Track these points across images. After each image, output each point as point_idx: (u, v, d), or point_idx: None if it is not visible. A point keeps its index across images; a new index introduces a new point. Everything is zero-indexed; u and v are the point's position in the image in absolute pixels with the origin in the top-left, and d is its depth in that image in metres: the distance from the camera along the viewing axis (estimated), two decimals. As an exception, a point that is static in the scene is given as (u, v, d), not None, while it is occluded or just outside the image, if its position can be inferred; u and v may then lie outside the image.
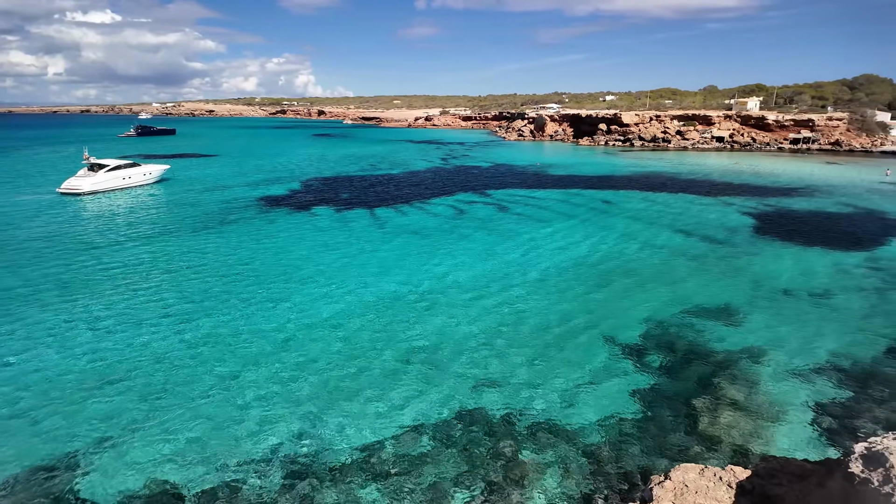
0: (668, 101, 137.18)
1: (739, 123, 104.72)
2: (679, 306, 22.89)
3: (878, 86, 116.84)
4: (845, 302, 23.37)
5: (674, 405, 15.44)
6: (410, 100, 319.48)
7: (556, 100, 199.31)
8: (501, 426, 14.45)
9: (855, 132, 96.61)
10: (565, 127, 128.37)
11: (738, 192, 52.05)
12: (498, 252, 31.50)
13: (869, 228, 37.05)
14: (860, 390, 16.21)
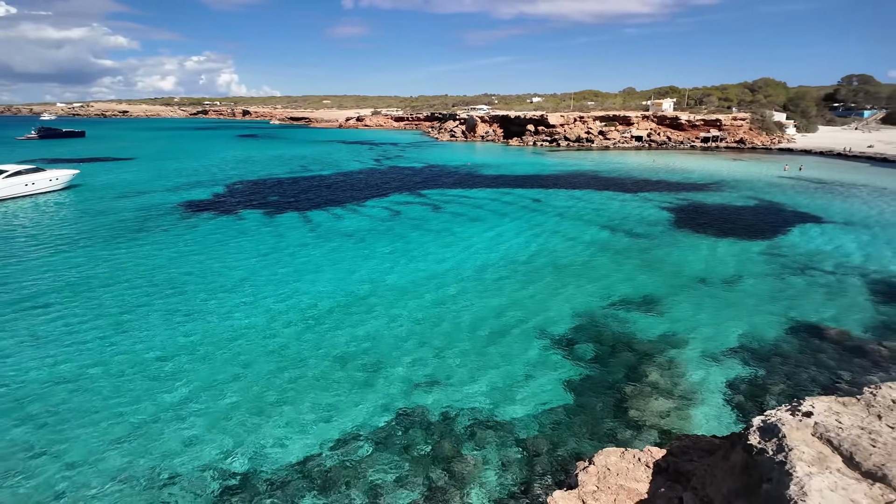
0: (591, 102, 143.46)
1: (656, 123, 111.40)
2: (606, 299, 24.03)
3: (774, 88, 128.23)
4: (752, 287, 25.47)
5: (603, 393, 16.21)
6: (341, 100, 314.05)
7: (486, 101, 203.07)
8: (441, 425, 14.57)
9: (756, 131, 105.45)
10: (495, 128, 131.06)
11: (656, 189, 55.33)
12: (433, 252, 31.68)
13: (770, 219, 40.57)
14: (765, 368, 17.74)
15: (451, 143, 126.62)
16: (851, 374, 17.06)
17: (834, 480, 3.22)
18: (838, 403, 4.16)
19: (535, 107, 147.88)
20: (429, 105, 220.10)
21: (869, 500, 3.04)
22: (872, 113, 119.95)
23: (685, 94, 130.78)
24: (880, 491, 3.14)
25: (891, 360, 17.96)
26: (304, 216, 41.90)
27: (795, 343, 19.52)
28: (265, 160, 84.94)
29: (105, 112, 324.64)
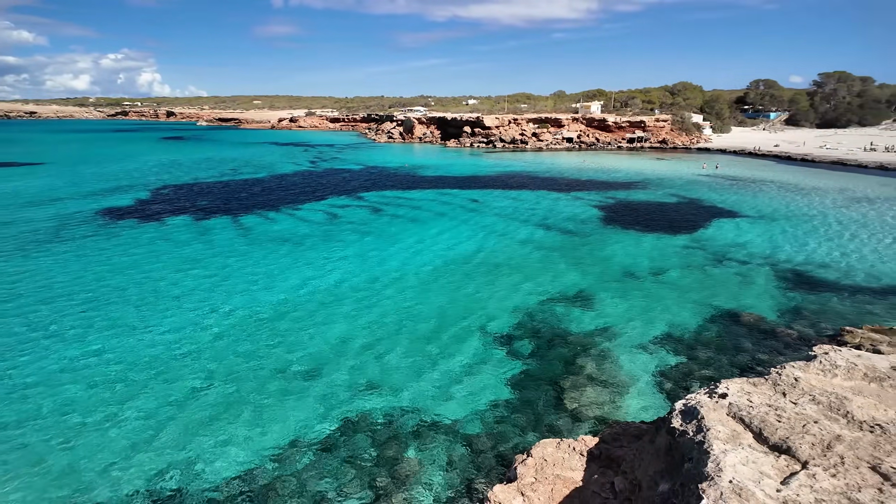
0: (524, 105, 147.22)
1: (585, 125, 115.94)
2: (543, 294, 24.74)
3: (692, 92, 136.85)
4: (676, 279, 27.05)
5: (542, 386, 16.69)
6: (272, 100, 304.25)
7: (423, 103, 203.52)
8: (384, 428, 14.47)
9: (677, 132, 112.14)
10: (433, 129, 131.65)
11: (587, 188, 57.58)
12: (374, 255, 31.39)
13: (691, 214, 43.26)
14: (690, 354, 18.91)
15: (389, 144, 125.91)
16: (765, 355, 18.51)
17: (745, 455, 3.47)
18: (749, 384, 4.50)
19: (470, 109, 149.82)
20: (365, 106, 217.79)
21: (775, 471, 3.31)
22: (777, 114, 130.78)
23: (612, 96, 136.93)
24: (785, 462, 3.42)
25: (799, 340, 19.64)
26: (237, 221, 40.29)
27: (716, 329, 20.93)
28: (193, 163, 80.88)
29: (9, 113, 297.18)
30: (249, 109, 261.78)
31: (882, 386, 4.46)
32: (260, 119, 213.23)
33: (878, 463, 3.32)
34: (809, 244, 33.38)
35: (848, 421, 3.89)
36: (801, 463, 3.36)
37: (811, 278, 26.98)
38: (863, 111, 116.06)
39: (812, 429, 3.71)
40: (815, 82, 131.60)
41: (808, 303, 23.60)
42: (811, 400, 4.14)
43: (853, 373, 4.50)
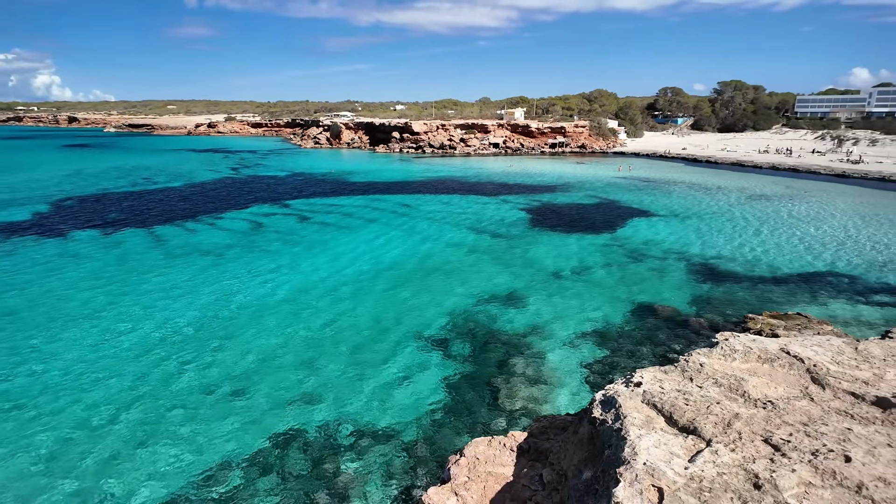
0: (451, 111, 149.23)
1: (510, 131, 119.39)
2: (476, 297, 25.18)
3: (607, 99, 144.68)
4: (599, 276, 28.45)
5: (477, 387, 16.98)
6: (188, 105, 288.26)
7: (350, 108, 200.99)
8: (320, 442, 14.13)
9: (595, 137, 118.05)
10: (361, 135, 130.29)
11: (514, 192, 59.28)
12: (303, 264, 30.57)
13: (610, 215, 45.67)
14: (613, 347, 19.96)
15: (316, 150, 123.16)
16: (678, 344, 19.89)
17: (658, 438, 3.74)
18: (661, 372, 4.86)
19: (398, 114, 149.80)
20: (289, 111, 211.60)
21: (684, 450, 3.61)
22: (684, 120, 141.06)
23: (534, 103, 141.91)
24: (692, 442, 3.73)
25: (708, 328, 21.26)
26: (152, 234, 37.83)
27: (636, 322, 22.22)
28: (101, 173, 74.98)
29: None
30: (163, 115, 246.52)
31: (773, 366, 4.90)
32: (175, 125, 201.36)
33: (770, 435, 3.66)
34: (716, 239, 36.23)
35: (745, 400, 4.26)
36: (705, 441, 3.65)
37: (719, 271, 29.29)
38: (756, 116, 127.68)
39: (715, 409, 4.03)
40: (715, 90, 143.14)
41: (717, 293, 25.61)
42: (714, 383, 4.49)
43: (749, 356, 4.93)
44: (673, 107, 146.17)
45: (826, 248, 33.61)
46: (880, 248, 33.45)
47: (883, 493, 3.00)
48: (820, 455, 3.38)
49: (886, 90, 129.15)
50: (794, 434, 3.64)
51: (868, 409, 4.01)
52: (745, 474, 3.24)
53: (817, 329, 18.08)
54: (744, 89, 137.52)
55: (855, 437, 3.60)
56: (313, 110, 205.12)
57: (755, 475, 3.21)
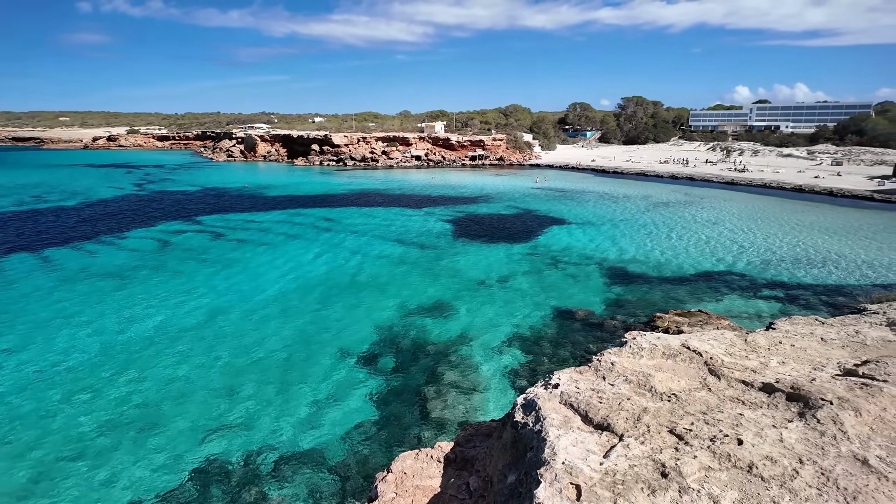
0: (372, 123, 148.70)
1: (431, 144, 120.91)
2: (403, 309, 25.08)
3: (522, 113, 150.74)
4: (522, 283, 29.35)
5: (407, 400, 16.87)
6: (84, 117, 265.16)
7: (265, 120, 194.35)
8: (241, 471, 13.37)
9: (512, 150, 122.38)
10: (278, 147, 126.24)
11: (437, 203, 59.94)
12: (220, 283, 28.97)
13: (528, 224, 47.38)
14: (536, 351, 20.63)
15: (229, 163, 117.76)
16: (595, 345, 20.91)
17: (575, 437, 3.91)
18: (577, 372, 5.09)
19: (317, 126, 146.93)
20: (199, 123, 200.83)
21: (599, 446, 3.79)
22: (592, 133, 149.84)
23: (453, 117, 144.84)
24: (606, 438, 3.93)
25: (621, 328, 22.55)
26: (43, 257, 34.28)
27: (556, 326, 23.13)
28: (-24, 191, 66.98)
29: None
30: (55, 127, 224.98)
31: (675, 361, 5.28)
32: (69, 138, 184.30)
33: (674, 426, 3.93)
34: (626, 244, 38.63)
35: (652, 394, 4.54)
36: (618, 436, 3.84)
37: (630, 273, 31.22)
38: (656, 130, 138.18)
39: (626, 405, 4.25)
40: (619, 105, 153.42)
41: (628, 295, 27.25)
42: (624, 380, 4.75)
43: (654, 353, 5.28)
44: (582, 121, 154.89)
45: (722, 249, 36.88)
46: (766, 248, 37.22)
47: (770, 470, 3.31)
48: (717, 441, 3.67)
49: (763, 106, 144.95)
50: (695, 423, 3.93)
51: (756, 394, 4.43)
52: (654, 464, 3.46)
53: (715, 324, 19.74)
54: (644, 104, 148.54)
55: (746, 421, 3.95)
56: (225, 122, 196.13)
57: (662, 464, 3.43)
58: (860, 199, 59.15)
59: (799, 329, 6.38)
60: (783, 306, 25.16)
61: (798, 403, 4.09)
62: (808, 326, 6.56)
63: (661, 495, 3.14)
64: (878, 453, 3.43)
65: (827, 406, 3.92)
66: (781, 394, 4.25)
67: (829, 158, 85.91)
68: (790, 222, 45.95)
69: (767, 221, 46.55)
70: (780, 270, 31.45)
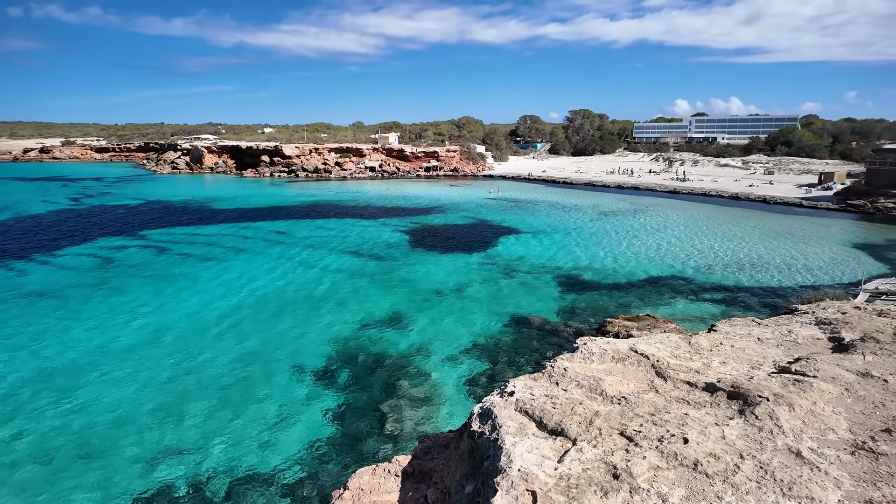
0: (324, 134, 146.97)
1: (386, 155, 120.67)
2: (359, 322, 24.74)
3: (474, 125, 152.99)
4: (476, 292, 29.57)
5: (363, 414, 16.60)
6: (14, 127, 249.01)
7: (212, 130, 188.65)
8: (190, 498, 12.75)
9: (466, 161, 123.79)
10: (226, 158, 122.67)
11: (392, 214, 59.73)
12: (164, 300, 27.69)
13: (483, 234, 47.89)
14: (493, 359, 20.79)
15: (174, 175, 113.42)
16: (550, 351, 21.29)
17: (530, 444, 3.97)
18: (531, 379, 5.17)
19: (267, 137, 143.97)
20: (141, 134, 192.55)
21: (553, 452, 3.86)
22: (543, 145, 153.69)
23: (407, 128, 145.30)
24: (560, 443, 4.01)
25: (574, 334, 23.07)
26: (-35, 277, 31.80)
27: (512, 334, 23.41)
28: None
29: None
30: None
31: (625, 365, 5.45)
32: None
33: (625, 428, 4.05)
34: (578, 252, 39.64)
35: (603, 398, 4.67)
36: (571, 441, 3.92)
37: (581, 281, 32.03)
38: (603, 142, 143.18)
39: (578, 409, 4.35)
40: (567, 118, 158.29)
41: (580, 301, 27.94)
42: (577, 385, 4.86)
43: (605, 357, 5.45)
44: (532, 133, 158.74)
45: (667, 255, 38.44)
46: (708, 253, 39.08)
47: (714, 466, 3.46)
48: (664, 440, 3.81)
49: (702, 119, 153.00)
50: (643, 424, 4.06)
51: (700, 394, 4.63)
52: (606, 467, 3.55)
53: (662, 327, 20.52)
54: (591, 117, 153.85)
55: (691, 420, 4.12)
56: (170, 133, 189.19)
57: (614, 466, 3.53)
58: (790, 205, 63.25)
59: (738, 330, 6.73)
60: (724, 308, 26.45)
61: (738, 401, 4.31)
62: (745, 327, 6.93)
63: (613, 496, 3.22)
64: (809, 445, 3.65)
65: (764, 403, 4.15)
66: (723, 392, 4.46)
67: (762, 168, 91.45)
68: (729, 229, 48.50)
69: (708, 228, 48.94)
70: (721, 274, 33.09)
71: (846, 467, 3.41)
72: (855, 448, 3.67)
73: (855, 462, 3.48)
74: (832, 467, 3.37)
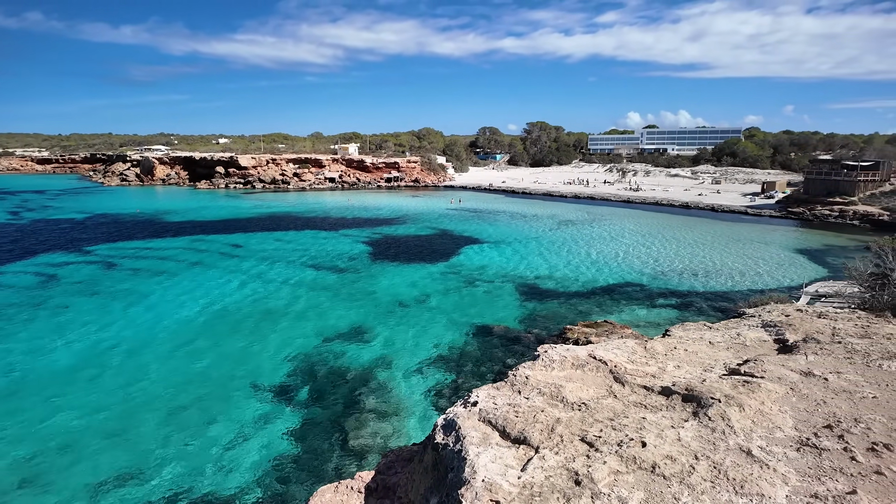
0: (282, 145, 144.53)
1: (345, 166, 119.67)
2: (320, 336, 24.27)
3: (434, 136, 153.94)
4: (440, 303, 29.56)
5: (326, 430, 16.24)
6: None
7: (164, 141, 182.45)
8: (141, 525, 12.12)
9: (427, 171, 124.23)
10: (179, 170, 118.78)
11: (353, 225, 59.15)
12: (112, 318, 26.40)
13: (445, 244, 48.04)
14: (457, 369, 20.78)
15: (123, 188, 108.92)
16: (512, 360, 21.48)
17: (494, 453, 3.98)
18: (494, 388, 5.20)
19: (222, 148, 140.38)
20: (87, 145, 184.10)
21: (516, 460, 3.88)
22: (502, 156, 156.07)
23: (367, 139, 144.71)
24: (523, 451, 4.03)
25: (535, 342, 23.35)
26: None
27: (475, 343, 23.49)
28: None
29: None
30: None
31: (584, 371, 5.55)
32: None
33: (585, 434, 4.11)
34: (538, 261, 40.27)
35: (564, 405, 4.73)
36: (534, 448, 3.95)
37: (542, 289, 32.52)
38: (559, 153, 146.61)
39: (540, 417, 4.40)
40: (525, 129, 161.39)
41: (541, 309, 28.34)
42: (538, 393, 4.92)
43: (564, 364, 5.53)
44: (492, 144, 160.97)
45: (623, 262, 39.55)
46: (661, 260, 40.44)
47: (671, 468, 3.56)
48: (624, 445, 3.89)
49: (652, 131, 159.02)
50: (603, 430, 4.14)
51: (656, 398, 4.76)
52: (568, 473, 3.59)
53: (620, 333, 21.03)
54: (548, 129, 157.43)
55: (648, 424, 4.23)
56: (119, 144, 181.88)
57: (575, 472, 3.57)
58: (737, 213, 66.36)
59: (690, 334, 6.97)
60: (678, 313, 27.37)
61: (692, 403, 4.45)
62: (698, 331, 7.19)
63: (576, 502, 3.27)
64: (759, 444, 3.81)
65: (716, 404, 4.30)
66: (678, 396, 4.60)
67: (710, 178, 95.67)
68: (681, 236, 50.40)
69: (662, 236, 50.71)
70: (675, 280, 34.28)
71: (793, 463, 3.57)
72: (800, 445, 3.86)
73: (800, 458, 3.65)
74: (780, 464, 3.53)
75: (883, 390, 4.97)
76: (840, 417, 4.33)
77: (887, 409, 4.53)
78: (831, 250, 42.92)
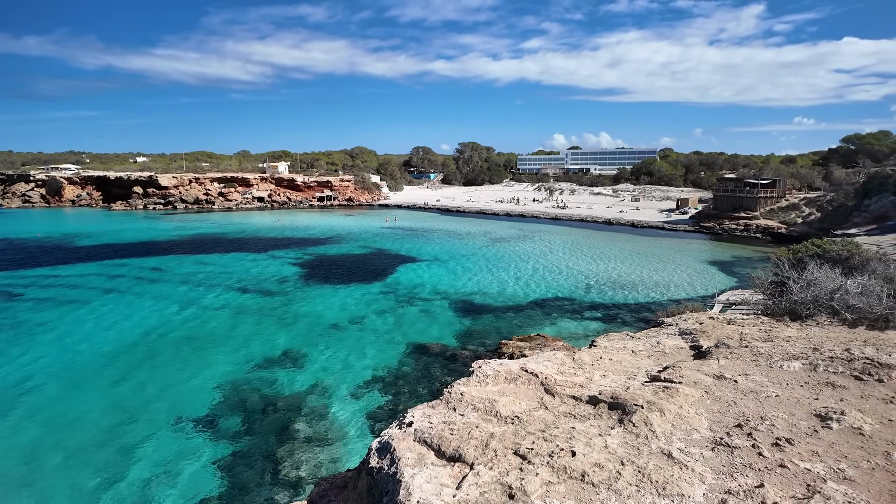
0: (206, 163, 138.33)
1: (275, 185, 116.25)
2: (248, 362, 23.16)
3: (368, 155, 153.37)
4: (375, 323, 29.15)
5: (256, 463, 15.43)
6: None
7: (75, 159, 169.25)
8: (43, 584, 10.89)
9: (360, 190, 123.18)
10: (91, 190, 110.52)
11: (283, 246, 57.34)
12: (15, 353, 23.87)
13: (381, 263, 47.63)
14: (395, 390, 20.49)
15: (26, 210, 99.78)
16: (450, 377, 21.49)
17: (429, 473, 3.95)
18: (429, 407, 5.18)
19: (140, 167, 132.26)
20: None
21: (451, 478, 3.87)
22: (436, 175, 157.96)
23: (297, 158, 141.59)
24: (458, 469, 4.03)
25: (472, 358, 23.52)
26: None
27: (412, 363, 23.31)
28: None
29: None
30: None
31: (517, 384, 5.65)
32: None
33: (518, 447, 4.18)
34: (472, 278, 40.79)
35: (497, 419, 4.79)
36: (469, 465, 3.96)
37: (477, 305, 32.91)
38: (490, 172, 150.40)
39: (475, 433, 4.42)
40: (457, 149, 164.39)
41: (477, 325, 28.65)
42: (473, 409, 4.95)
43: (498, 378, 5.61)
44: (425, 163, 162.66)
45: (554, 277, 40.89)
46: (588, 274, 42.20)
47: (599, 475, 3.68)
48: (555, 455, 3.99)
49: (576, 152, 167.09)
50: (535, 442, 4.22)
51: (584, 407, 4.93)
52: (502, 488, 3.62)
53: (551, 346, 21.64)
54: (479, 149, 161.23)
55: (577, 433, 4.36)
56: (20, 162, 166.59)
57: (509, 486, 3.61)
58: (655, 228, 70.80)
59: (615, 344, 7.31)
60: (604, 324, 28.59)
61: (617, 411, 4.65)
62: (621, 341, 7.55)
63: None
64: (678, 446, 4.03)
65: (639, 410, 4.51)
66: (604, 404, 4.79)
67: (630, 195, 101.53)
68: (605, 251, 52.94)
69: (588, 251, 53.03)
70: (600, 293, 35.85)
71: (708, 462, 3.81)
72: (715, 444, 4.12)
73: (715, 457, 3.90)
74: (697, 464, 3.75)
75: (783, 389, 5.43)
76: (748, 416, 4.67)
77: (788, 406, 4.95)
78: (739, 261, 46.62)
